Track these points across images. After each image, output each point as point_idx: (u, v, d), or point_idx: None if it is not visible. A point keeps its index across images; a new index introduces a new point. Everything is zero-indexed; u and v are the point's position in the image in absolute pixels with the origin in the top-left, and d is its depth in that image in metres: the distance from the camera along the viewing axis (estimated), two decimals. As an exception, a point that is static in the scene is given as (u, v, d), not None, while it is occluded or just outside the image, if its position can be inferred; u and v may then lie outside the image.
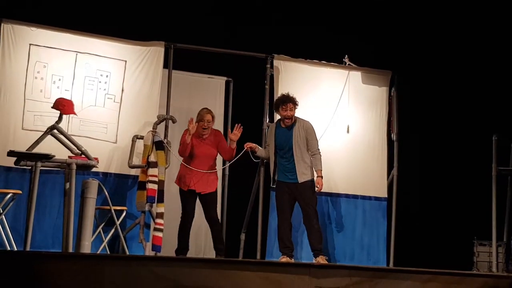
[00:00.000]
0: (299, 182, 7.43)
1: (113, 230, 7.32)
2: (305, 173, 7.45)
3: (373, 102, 8.52)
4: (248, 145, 7.65)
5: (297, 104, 7.57)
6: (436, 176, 9.39)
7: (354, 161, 8.33)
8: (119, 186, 7.61)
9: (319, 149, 7.58)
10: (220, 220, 8.35)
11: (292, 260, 7.41)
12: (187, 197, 7.50)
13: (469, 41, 9.30)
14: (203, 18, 9.25)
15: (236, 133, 7.53)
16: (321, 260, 7.31)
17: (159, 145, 7.47)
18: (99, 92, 7.70)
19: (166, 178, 7.57)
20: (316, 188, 7.49)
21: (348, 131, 8.36)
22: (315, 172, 7.53)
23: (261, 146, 7.91)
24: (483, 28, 9.21)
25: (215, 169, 7.61)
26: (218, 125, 8.61)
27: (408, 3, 9.30)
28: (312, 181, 7.50)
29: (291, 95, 7.59)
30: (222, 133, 8.63)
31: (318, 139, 7.90)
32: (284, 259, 7.35)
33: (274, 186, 7.67)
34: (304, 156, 7.48)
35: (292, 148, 7.46)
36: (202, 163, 7.50)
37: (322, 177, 7.48)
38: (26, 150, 6.75)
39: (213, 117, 7.61)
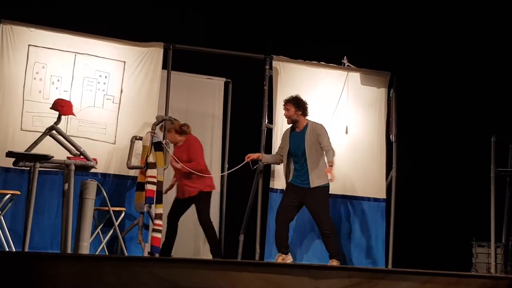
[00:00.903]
0: (311, 187, 7.38)
1: (111, 231, 7.32)
2: (318, 178, 7.38)
3: (372, 103, 8.52)
4: (249, 157, 7.62)
5: (298, 106, 7.49)
6: (435, 177, 9.39)
7: (353, 162, 8.32)
8: (118, 187, 7.61)
9: (331, 146, 7.53)
10: (219, 221, 8.37)
11: (289, 257, 7.41)
12: (174, 202, 7.74)
13: (468, 42, 9.31)
14: (202, 19, 9.25)
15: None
16: (332, 263, 7.31)
17: (158, 146, 7.47)
18: (98, 93, 7.70)
19: (165, 179, 7.57)
20: (329, 179, 7.39)
21: (346, 132, 8.36)
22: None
23: (260, 149, 7.92)
24: (482, 29, 9.21)
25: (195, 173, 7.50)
26: (217, 126, 8.62)
27: (407, 5, 9.30)
28: (325, 186, 7.43)
29: (295, 96, 7.57)
30: (221, 134, 8.67)
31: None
32: (280, 257, 7.34)
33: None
34: (319, 160, 7.43)
35: (305, 153, 7.42)
36: (175, 169, 7.65)
37: (331, 166, 7.37)
38: (25, 151, 6.75)
39: (176, 130, 7.64)
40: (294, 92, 8.14)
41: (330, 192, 8.09)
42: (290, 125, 7.68)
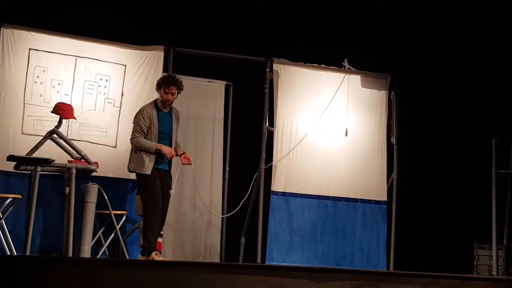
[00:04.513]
0: (168, 170, 7.07)
1: (113, 235, 7.31)
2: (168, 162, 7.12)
3: (372, 106, 8.52)
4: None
5: (180, 89, 7.15)
6: (436, 179, 9.38)
7: (354, 165, 8.33)
8: (119, 190, 7.60)
9: None
10: (221, 224, 8.37)
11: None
12: None
13: (468, 45, 9.30)
14: (202, 22, 9.25)
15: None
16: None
17: (158, 150, 7.45)
18: (98, 97, 7.70)
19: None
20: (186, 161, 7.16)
21: (346, 135, 8.36)
22: None
23: (261, 152, 7.93)
24: (482, 31, 9.21)
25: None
26: (218, 129, 8.61)
27: (407, 7, 9.30)
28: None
29: (179, 78, 7.20)
30: (222, 137, 8.64)
31: (318, 143, 8.15)
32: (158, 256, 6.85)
33: (148, 173, 6.91)
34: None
35: (171, 135, 7.08)
36: None
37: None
38: (26, 155, 6.77)
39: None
40: (294, 95, 8.17)
41: (331, 195, 8.16)
42: (151, 102, 7.17)
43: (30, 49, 7.47)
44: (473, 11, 9.12)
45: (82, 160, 6.93)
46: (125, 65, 7.84)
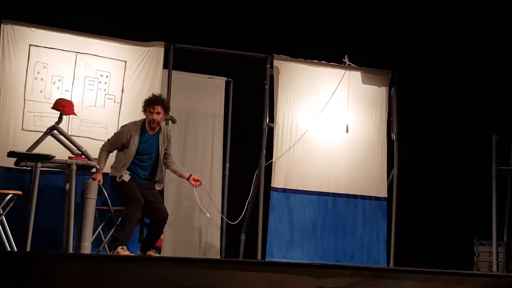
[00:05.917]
0: (157, 190, 7.09)
1: (113, 231, 7.31)
2: (161, 183, 7.15)
3: (373, 102, 8.52)
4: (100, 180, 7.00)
5: (166, 110, 7.05)
6: (436, 175, 9.39)
7: (354, 161, 8.33)
8: (119, 186, 7.59)
9: None
10: (221, 220, 8.38)
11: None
12: None
13: (469, 41, 9.30)
14: (203, 18, 9.24)
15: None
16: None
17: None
18: (99, 93, 7.70)
19: (166, 179, 7.56)
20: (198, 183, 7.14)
21: (347, 131, 8.36)
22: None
23: (261, 148, 7.93)
24: (483, 27, 9.20)
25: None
26: (218, 125, 8.62)
27: (407, 3, 9.29)
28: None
29: (164, 98, 7.17)
30: (222, 133, 8.65)
31: (318, 139, 8.17)
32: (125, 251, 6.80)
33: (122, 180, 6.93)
34: (162, 166, 7.13)
35: (156, 157, 7.03)
36: None
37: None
38: (26, 151, 6.76)
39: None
40: (295, 91, 8.17)
41: (331, 191, 8.16)
42: (139, 122, 7.09)
43: (30, 45, 7.47)
44: (474, 7, 9.11)
45: (83, 156, 6.93)
46: (126, 61, 7.83)
